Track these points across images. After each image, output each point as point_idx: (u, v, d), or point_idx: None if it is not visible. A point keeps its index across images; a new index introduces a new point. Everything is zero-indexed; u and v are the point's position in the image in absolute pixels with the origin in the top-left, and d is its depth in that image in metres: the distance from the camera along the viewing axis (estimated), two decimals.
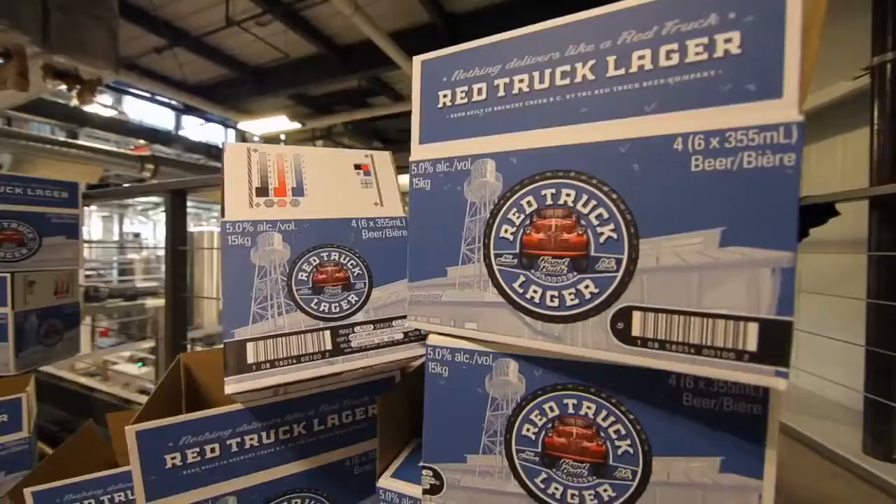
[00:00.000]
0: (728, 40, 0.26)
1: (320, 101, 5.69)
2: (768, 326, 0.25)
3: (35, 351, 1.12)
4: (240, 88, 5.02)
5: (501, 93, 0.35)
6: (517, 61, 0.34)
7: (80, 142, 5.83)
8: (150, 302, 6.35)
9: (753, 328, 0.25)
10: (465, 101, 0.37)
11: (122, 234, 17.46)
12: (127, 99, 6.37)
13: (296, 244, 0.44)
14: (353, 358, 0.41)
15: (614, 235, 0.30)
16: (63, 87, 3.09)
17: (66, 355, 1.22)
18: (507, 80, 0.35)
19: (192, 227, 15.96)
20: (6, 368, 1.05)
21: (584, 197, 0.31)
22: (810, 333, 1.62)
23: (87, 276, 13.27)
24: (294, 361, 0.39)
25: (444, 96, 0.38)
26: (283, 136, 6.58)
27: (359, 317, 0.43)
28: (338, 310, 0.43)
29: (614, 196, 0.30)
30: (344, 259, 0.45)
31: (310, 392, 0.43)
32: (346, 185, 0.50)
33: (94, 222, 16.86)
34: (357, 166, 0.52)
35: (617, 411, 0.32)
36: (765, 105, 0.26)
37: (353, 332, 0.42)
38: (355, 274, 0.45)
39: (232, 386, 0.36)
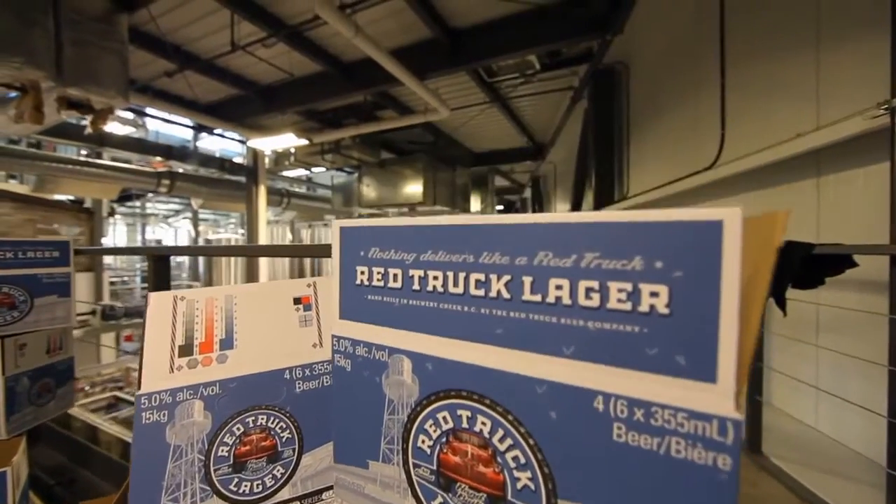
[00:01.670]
0: (654, 294, 0.22)
1: (328, 115, 5.74)
2: None
3: (27, 412, 1.14)
4: (249, 106, 5.09)
5: (416, 286, 0.31)
6: (431, 254, 0.30)
7: (99, 161, 6.04)
8: None
9: None
10: (382, 284, 0.33)
11: (145, 240, 18.08)
12: (148, 115, 6.53)
13: (219, 411, 0.40)
14: None
15: (531, 486, 0.26)
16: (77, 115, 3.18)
17: (58, 411, 1.24)
18: (421, 272, 0.31)
19: (210, 235, 16.27)
20: None
21: (500, 432, 0.27)
22: (827, 393, 1.52)
23: (112, 283, 13.76)
24: None
25: (362, 273, 0.34)
26: (293, 150, 6.66)
27: (284, 493, 0.40)
28: (260, 489, 0.39)
29: (531, 442, 0.26)
30: (272, 423, 0.41)
31: None
32: (283, 326, 0.46)
33: (118, 230, 17.49)
34: (297, 300, 0.48)
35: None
36: (696, 386, 0.21)
37: None
38: (284, 440, 0.41)
39: None
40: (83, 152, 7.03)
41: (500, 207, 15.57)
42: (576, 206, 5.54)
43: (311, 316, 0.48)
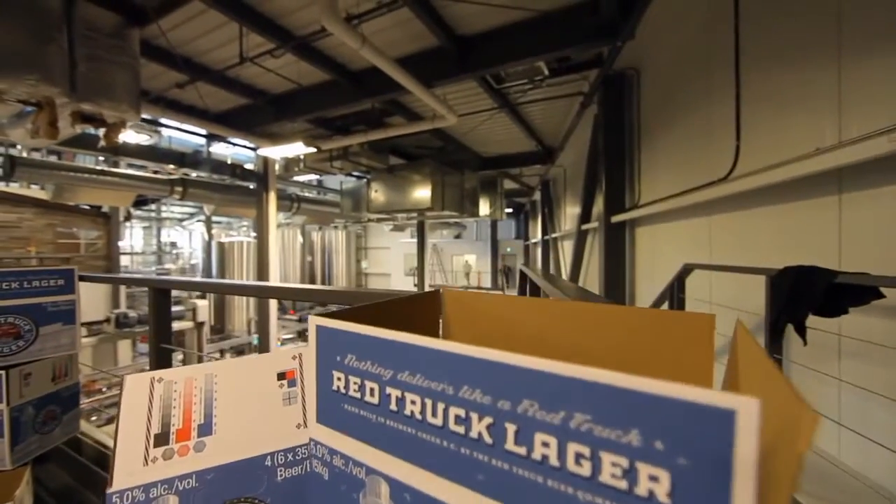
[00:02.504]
0: (654, 478, 0.19)
1: (337, 122, 5.76)
2: None
3: (32, 441, 1.14)
4: (260, 115, 5.14)
5: (394, 406, 0.28)
6: (409, 375, 0.27)
7: (114, 170, 6.17)
8: (177, 324, 6.63)
9: None
10: (359, 396, 0.30)
11: (161, 243, 18.47)
12: (162, 125, 6.65)
13: None
14: None
15: None
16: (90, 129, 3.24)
17: (64, 437, 1.25)
18: (399, 393, 0.28)
19: (222, 238, 16.53)
20: (2, 464, 1.07)
21: None
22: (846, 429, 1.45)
23: (128, 286, 14.02)
24: None
25: (339, 380, 0.32)
26: (302, 157, 6.71)
27: None
28: None
29: None
30: None
31: None
32: (265, 405, 0.44)
33: (135, 233, 17.91)
34: (281, 375, 0.46)
35: None
36: None
37: None
38: None
39: None
40: (101, 159, 7.20)
41: (510, 210, 15.47)
42: (585, 212, 5.46)
43: (296, 392, 0.46)
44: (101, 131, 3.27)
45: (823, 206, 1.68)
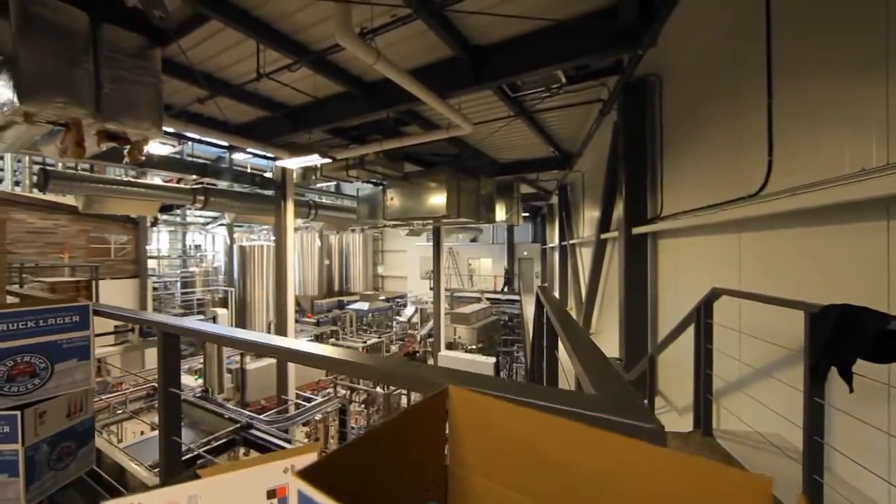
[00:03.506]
0: None
1: (353, 132, 5.79)
2: None
3: (46, 479, 1.15)
4: (278, 126, 5.22)
5: None
6: None
7: (140, 181, 6.39)
8: None
9: None
10: None
11: (185, 246, 19.09)
12: (184, 137, 6.86)
13: None
14: None
15: None
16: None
17: (79, 472, 1.25)
18: None
19: (243, 242, 16.96)
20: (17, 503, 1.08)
21: None
22: None
23: (155, 289, 14.55)
24: None
25: None
26: (318, 165, 6.78)
27: None
28: None
29: None
30: None
31: None
32: None
33: (162, 236, 18.58)
34: (271, 493, 0.42)
35: None
36: None
37: None
38: None
39: None
40: (131, 172, 7.48)
41: (526, 214, 15.29)
42: (605, 221, 5.31)
43: None
44: (126, 149, 3.36)
45: (869, 231, 1.55)
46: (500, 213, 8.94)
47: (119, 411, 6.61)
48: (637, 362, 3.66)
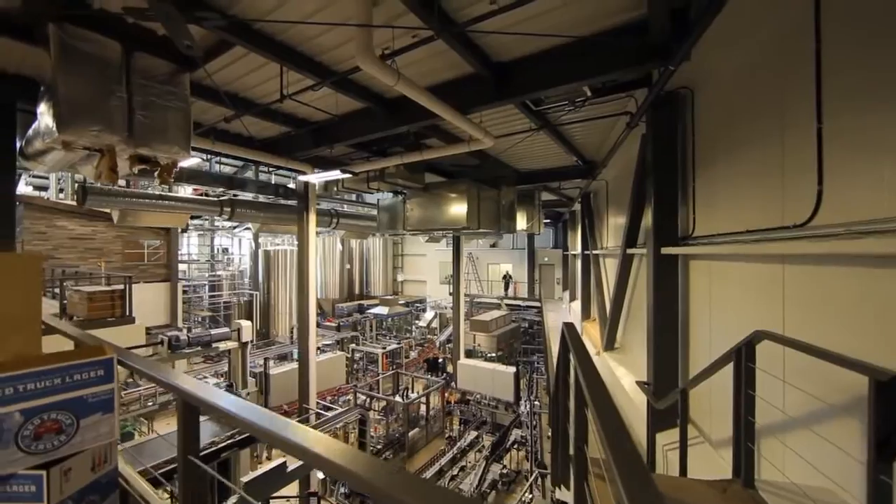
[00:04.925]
0: None
1: (374, 146, 5.81)
2: None
3: None
4: (300, 142, 5.30)
5: None
6: None
7: (171, 194, 6.62)
8: (223, 345, 6.98)
9: None
10: None
11: (213, 250, 19.75)
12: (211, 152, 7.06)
13: None
14: None
15: None
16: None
17: None
18: None
19: (268, 246, 17.35)
20: None
21: None
22: None
23: (185, 292, 15.05)
24: None
25: None
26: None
27: None
28: None
29: None
30: None
31: None
32: None
33: (192, 240, 19.28)
34: None
35: None
36: None
37: None
38: None
39: None
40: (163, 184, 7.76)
41: (548, 220, 15.01)
42: (631, 234, 5.11)
43: None
44: (156, 172, 3.47)
45: None
46: (521, 221, 8.80)
47: (150, 402, 6.83)
48: (666, 387, 3.48)
